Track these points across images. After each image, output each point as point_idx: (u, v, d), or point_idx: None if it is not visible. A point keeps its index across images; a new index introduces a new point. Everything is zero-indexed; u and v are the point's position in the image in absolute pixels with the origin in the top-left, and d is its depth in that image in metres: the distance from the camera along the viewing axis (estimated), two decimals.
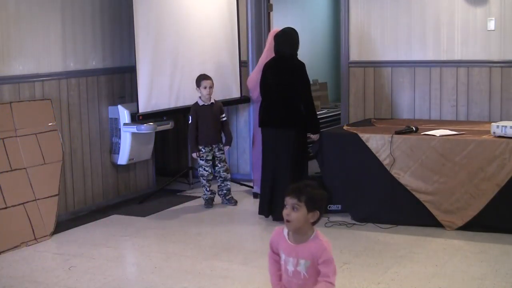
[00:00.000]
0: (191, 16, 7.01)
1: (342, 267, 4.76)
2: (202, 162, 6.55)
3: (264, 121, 6.09)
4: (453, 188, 5.55)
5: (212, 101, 6.57)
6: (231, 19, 7.45)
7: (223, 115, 6.67)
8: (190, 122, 6.55)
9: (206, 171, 6.54)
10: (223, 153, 6.64)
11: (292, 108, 5.94)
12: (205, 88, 6.47)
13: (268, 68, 6.13)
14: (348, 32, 7.19)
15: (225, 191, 6.62)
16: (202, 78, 6.51)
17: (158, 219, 6.21)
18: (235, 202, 6.63)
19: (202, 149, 6.52)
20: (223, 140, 6.65)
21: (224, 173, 6.59)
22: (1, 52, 5.66)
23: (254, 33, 7.63)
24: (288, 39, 6.08)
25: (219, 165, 6.58)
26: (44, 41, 6.02)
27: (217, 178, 6.63)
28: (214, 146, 6.56)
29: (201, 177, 6.57)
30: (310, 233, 3.09)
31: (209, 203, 6.57)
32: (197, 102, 6.55)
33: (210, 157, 6.56)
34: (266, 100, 6.11)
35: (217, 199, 6.68)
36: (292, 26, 6.28)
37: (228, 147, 6.71)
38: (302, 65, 5.99)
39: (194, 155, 6.54)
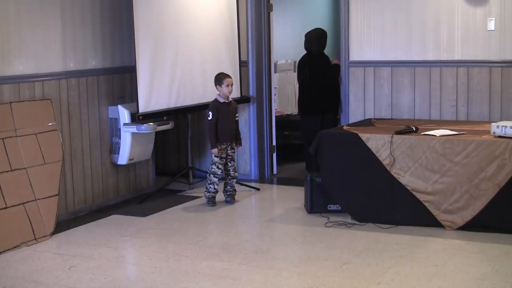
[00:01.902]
0: (191, 16, 7.01)
1: (342, 267, 4.76)
2: (216, 160, 6.54)
3: (310, 109, 7.62)
4: (453, 188, 5.55)
5: (231, 99, 6.60)
6: (231, 19, 7.45)
7: (237, 115, 6.69)
8: (210, 118, 6.52)
9: (219, 169, 6.54)
10: (234, 152, 6.66)
11: (330, 96, 7.50)
12: (228, 86, 6.49)
13: (304, 64, 7.65)
14: (348, 32, 7.19)
15: (229, 187, 6.64)
16: (224, 76, 6.53)
17: (158, 219, 6.21)
18: (233, 200, 6.64)
19: (219, 146, 6.53)
20: None
21: (233, 172, 6.63)
22: (1, 52, 5.66)
23: (254, 33, 7.63)
24: (320, 38, 7.64)
25: (230, 164, 6.60)
26: (44, 41, 6.02)
27: (227, 176, 6.64)
28: (228, 144, 6.57)
29: (212, 175, 6.54)
30: None
31: (213, 201, 6.56)
32: (216, 99, 6.56)
33: (224, 155, 6.57)
34: (307, 91, 7.66)
35: (217, 198, 6.67)
36: (292, 26, 6.53)
37: (240, 147, 6.79)
38: (328, 57, 7.71)
39: (216, 151, 6.52)
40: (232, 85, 6.54)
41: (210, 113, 6.52)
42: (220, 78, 6.54)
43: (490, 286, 4.38)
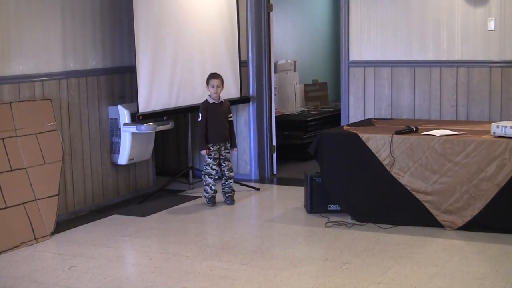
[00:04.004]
0: (191, 16, 7.02)
1: (342, 267, 4.76)
2: (209, 160, 6.55)
3: None
4: (453, 188, 5.55)
5: (222, 100, 6.59)
6: (231, 19, 7.45)
7: (231, 115, 6.68)
8: (200, 119, 6.53)
9: (214, 169, 6.54)
10: (229, 152, 6.66)
11: None
12: (213, 87, 6.49)
13: None
14: (348, 32, 7.19)
15: (226, 189, 6.64)
16: (210, 77, 6.54)
17: (158, 219, 6.21)
18: (233, 201, 6.64)
19: (211, 147, 6.53)
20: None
21: (228, 172, 6.61)
22: (1, 52, 5.66)
23: (254, 33, 7.63)
24: None
25: (224, 164, 6.60)
26: (44, 41, 6.02)
27: (222, 177, 6.64)
28: (221, 144, 6.57)
29: (207, 175, 6.55)
30: None
31: (213, 201, 6.57)
32: (207, 99, 6.56)
33: (217, 156, 6.57)
34: None
35: (218, 198, 6.68)
36: (292, 26, 6.48)
37: (235, 149, 6.76)
38: None
39: (204, 152, 6.53)
40: (218, 86, 6.49)
41: (200, 114, 6.54)
42: (208, 78, 6.56)
43: (490, 286, 4.38)
